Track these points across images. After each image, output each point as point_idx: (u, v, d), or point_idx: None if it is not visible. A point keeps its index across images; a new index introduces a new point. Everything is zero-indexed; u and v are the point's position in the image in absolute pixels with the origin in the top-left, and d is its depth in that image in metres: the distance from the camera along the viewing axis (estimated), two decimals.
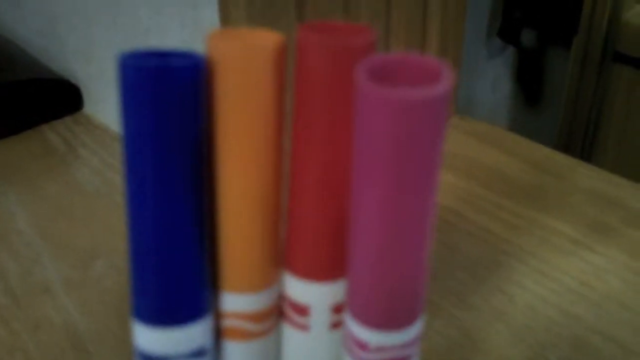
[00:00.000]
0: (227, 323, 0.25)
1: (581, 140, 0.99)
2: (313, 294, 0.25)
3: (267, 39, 0.22)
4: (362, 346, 0.23)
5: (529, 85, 0.99)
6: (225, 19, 0.38)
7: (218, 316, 0.25)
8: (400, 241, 0.21)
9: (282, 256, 0.26)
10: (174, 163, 0.21)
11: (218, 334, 0.26)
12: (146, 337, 0.24)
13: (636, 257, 0.41)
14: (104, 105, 0.56)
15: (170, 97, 0.21)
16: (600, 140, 0.98)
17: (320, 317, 0.25)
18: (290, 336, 0.26)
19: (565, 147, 0.98)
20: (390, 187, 0.20)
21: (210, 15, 0.38)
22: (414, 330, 0.24)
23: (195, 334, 0.24)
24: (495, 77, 0.91)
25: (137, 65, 0.20)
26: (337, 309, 0.25)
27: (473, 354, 0.35)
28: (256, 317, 0.25)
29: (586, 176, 0.49)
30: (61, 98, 0.57)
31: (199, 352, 0.25)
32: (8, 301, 0.38)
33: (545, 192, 0.48)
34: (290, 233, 0.25)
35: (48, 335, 0.36)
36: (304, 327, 0.26)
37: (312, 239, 0.24)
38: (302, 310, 0.25)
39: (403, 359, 0.24)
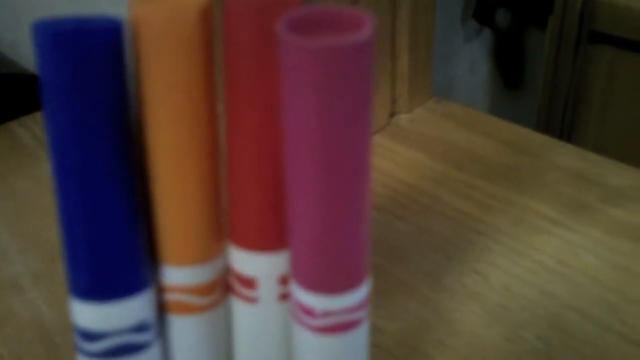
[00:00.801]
0: (171, 297, 0.25)
1: (560, 122, 0.99)
2: (259, 266, 0.25)
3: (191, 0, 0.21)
4: (309, 312, 0.23)
5: (507, 67, 0.99)
6: None
7: (161, 290, 0.25)
8: (336, 199, 0.21)
9: (225, 228, 0.25)
10: (98, 132, 0.21)
11: (162, 309, 0.25)
12: (83, 313, 0.23)
13: (613, 234, 0.41)
14: None
15: (88, 63, 0.20)
16: (579, 121, 0.98)
17: (268, 288, 0.25)
18: (239, 309, 0.26)
19: (545, 128, 0.98)
20: (321, 144, 0.20)
21: None
22: (359, 294, 0.23)
23: (133, 309, 0.24)
24: (472, 60, 0.91)
25: (51, 30, 0.20)
26: (284, 280, 0.25)
27: (449, 335, 0.34)
28: (200, 291, 0.25)
29: (563, 155, 0.49)
30: (30, 93, 0.57)
31: (140, 327, 0.24)
32: None
33: (521, 172, 0.47)
34: (231, 204, 0.24)
35: (16, 329, 0.36)
36: (252, 300, 0.25)
37: (254, 209, 0.24)
38: (249, 282, 0.25)
39: (351, 323, 0.23)
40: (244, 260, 0.25)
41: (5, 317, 0.36)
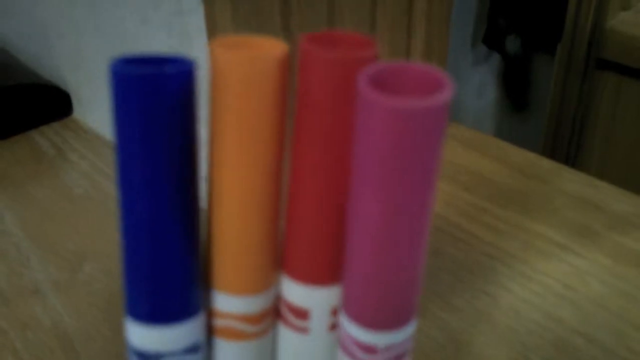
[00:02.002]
0: (223, 323, 0.25)
1: (566, 146, 0.99)
2: (314, 299, 0.25)
3: (270, 48, 0.22)
4: (370, 350, 0.24)
5: (514, 92, 1.00)
6: (212, 26, 0.38)
7: (213, 315, 0.26)
8: (398, 244, 0.21)
9: (279, 259, 0.26)
10: (165, 167, 0.22)
11: (211, 332, 0.26)
12: (140, 335, 0.24)
13: (618, 261, 0.42)
14: (93, 110, 0.56)
15: (162, 103, 0.21)
16: (585, 146, 0.99)
17: (319, 320, 0.26)
18: (288, 338, 0.27)
19: (551, 152, 0.99)
20: (389, 194, 0.20)
21: (197, 22, 0.39)
22: (411, 327, 0.24)
23: (188, 331, 0.25)
24: (480, 84, 0.92)
25: (127, 72, 0.20)
26: (336, 311, 0.26)
27: (458, 355, 0.35)
28: (252, 319, 0.25)
29: (570, 180, 0.50)
30: (51, 103, 0.58)
31: (193, 349, 0.25)
32: None
33: (529, 197, 0.48)
34: (289, 237, 0.25)
35: (36, 335, 0.36)
36: (303, 330, 0.26)
37: (313, 244, 0.24)
38: (302, 314, 0.25)
39: (402, 355, 0.24)
40: (298, 293, 0.25)
41: (27, 323, 0.37)
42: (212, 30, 0.38)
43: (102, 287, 0.40)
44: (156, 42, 0.43)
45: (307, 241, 0.25)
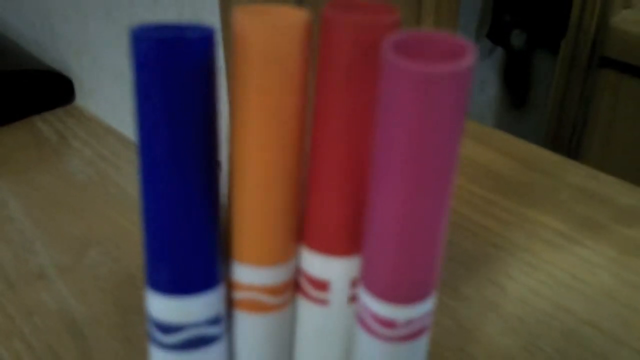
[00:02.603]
0: (244, 295, 0.25)
1: (567, 142, 1.00)
2: (334, 269, 0.25)
3: (294, 17, 0.22)
4: (387, 323, 0.23)
5: (516, 87, 1.00)
6: (225, 8, 0.38)
7: (235, 287, 0.25)
8: (425, 214, 0.21)
9: (300, 230, 0.26)
10: (187, 135, 0.22)
11: (231, 305, 0.26)
12: (161, 306, 0.24)
13: (625, 252, 0.42)
14: (96, 97, 0.56)
15: (184, 69, 0.21)
16: (585, 142, 0.99)
17: (339, 291, 0.25)
18: (308, 310, 0.26)
19: (552, 148, 0.98)
20: (415, 162, 0.20)
21: (210, 5, 0.39)
22: (430, 302, 0.24)
23: (209, 302, 0.24)
24: (482, 79, 0.92)
25: (150, 37, 0.20)
26: (355, 283, 0.25)
27: (467, 343, 0.35)
28: (273, 291, 0.25)
29: (574, 174, 0.50)
30: (53, 90, 0.58)
31: (214, 320, 0.25)
32: (3, 287, 0.38)
33: (534, 189, 0.48)
34: (309, 207, 0.25)
35: (43, 320, 0.36)
36: (323, 302, 0.26)
37: (334, 215, 0.24)
38: (322, 285, 0.25)
39: (421, 330, 0.24)
40: (318, 264, 0.25)
41: (33, 307, 0.37)
42: (226, 9, 0.38)
43: (108, 271, 0.40)
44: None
45: (327, 211, 0.24)
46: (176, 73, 0.21)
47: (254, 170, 0.23)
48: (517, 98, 1.01)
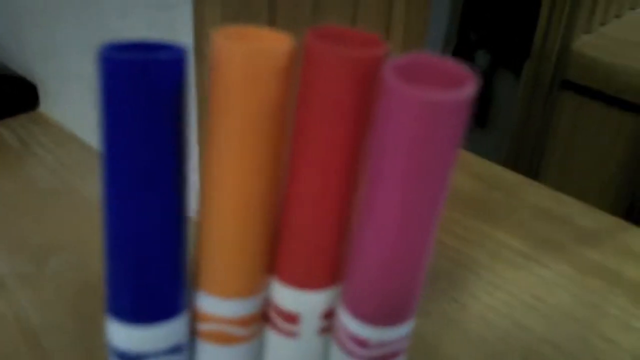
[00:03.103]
0: (210, 326, 0.25)
1: (528, 162, 1.01)
2: (305, 303, 0.25)
3: (275, 41, 0.21)
4: (362, 343, 0.24)
5: (478, 107, 1.00)
6: (199, 20, 0.38)
7: (200, 318, 0.25)
8: (414, 240, 0.21)
9: (271, 263, 0.25)
10: (154, 158, 0.21)
11: (196, 335, 0.26)
12: (122, 334, 0.24)
13: (583, 272, 0.42)
14: (61, 104, 0.55)
15: (154, 91, 0.20)
16: (545, 163, 1.00)
17: (310, 324, 0.25)
18: (276, 342, 0.26)
19: (513, 167, 0.99)
20: (409, 187, 0.20)
21: (183, 17, 0.38)
22: (409, 325, 0.24)
23: (172, 331, 0.24)
24: None
25: (119, 58, 0.20)
26: (327, 315, 0.25)
27: (429, 359, 0.35)
28: (241, 322, 0.25)
29: (535, 194, 0.51)
30: (17, 96, 0.57)
31: (176, 349, 0.24)
32: None
33: (495, 208, 0.49)
34: (283, 241, 0.25)
35: (0, 330, 0.36)
36: (292, 334, 0.26)
37: (307, 249, 0.24)
38: (292, 318, 0.25)
39: (397, 352, 0.24)
40: (288, 297, 0.25)
41: None
42: (200, 25, 0.38)
43: (69, 280, 0.39)
44: (138, 35, 0.43)
45: (301, 245, 0.24)
46: (146, 95, 0.20)
47: (226, 198, 0.23)
48: (479, 117, 1.01)
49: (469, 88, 0.19)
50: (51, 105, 0.57)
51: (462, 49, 0.87)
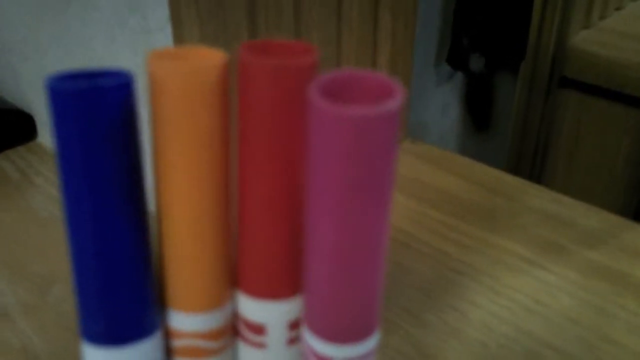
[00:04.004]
0: (182, 342, 0.25)
1: (530, 164, 1.00)
2: (268, 313, 0.25)
3: (209, 58, 0.22)
4: None
5: (478, 110, 1.00)
6: (179, 44, 0.38)
7: (171, 335, 0.25)
8: (358, 255, 0.21)
9: (234, 275, 0.26)
10: (109, 183, 0.21)
11: (170, 352, 0.26)
12: (95, 357, 0.24)
13: (587, 275, 0.42)
14: None
15: (101, 118, 0.20)
16: (548, 163, 1.00)
17: (276, 334, 0.26)
18: (247, 353, 0.26)
19: (515, 170, 0.99)
20: (346, 204, 0.20)
21: (164, 40, 0.39)
22: (373, 341, 0.24)
23: (145, 352, 0.24)
24: (444, 103, 0.93)
25: (64, 88, 0.20)
26: (294, 326, 0.26)
27: None
28: (209, 336, 0.25)
29: (536, 197, 0.50)
30: (15, 127, 0.57)
31: None
32: None
33: (496, 213, 0.49)
34: (241, 253, 0.25)
35: (6, 358, 0.36)
36: (260, 345, 0.26)
37: (264, 259, 0.24)
38: (258, 329, 0.25)
39: None
40: (252, 308, 0.25)
41: None
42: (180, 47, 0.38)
43: (71, 309, 0.40)
44: (123, 61, 0.43)
45: (258, 256, 0.24)
46: (93, 122, 0.20)
47: (180, 218, 0.23)
48: (479, 121, 1.01)
49: (396, 101, 0.19)
50: (48, 135, 0.57)
51: (456, 54, 0.87)
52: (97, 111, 0.20)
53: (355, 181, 0.20)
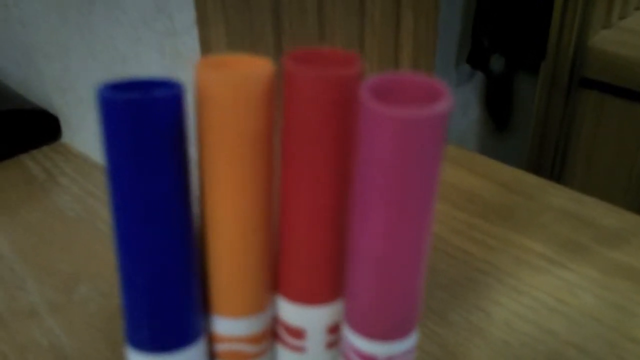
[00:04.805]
0: (225, 347, 0.26)
1: (550, 164, 1.00)
2: (309, 318, 0.26)
3: (257, 67, 0.22)
4: (369, 359, 0.24)
5: (498, 111, 1.00)
6: (205, 46, 0.39)
7: (213, 339, 0.26)
8: (403, 254, 0.22)
9: (274, 279, 0.26)
10: (159, 192, 0.22)
11: (212, 356, 0.26)
12: None
13: (608, 274, 0.42)
14: (82, 134, 0.56)
15: (152, 128, 0.21)
16: (568, 164, 1.00)
17: (316, 339, 0.26)
18: (285, 357, 0.27)
19: (535, 171, 0.99)
20: (394, 203, 0.20)
21: (190, 42, 0.39)
22: (414, 337, 0.24)
23: (190, 358, 0.25)
24: (464, 103, 0.93)
25: (116, 98, 0.20)
26: (333, 330, 0.26)
27: None
28: (251, 340, 0.26)
29: (556, 196, 0.51)
30: (40, 128, 0.58)
31: None
32: None
33: (516, 212, 0.49)
34: (283, 259, 0.25)
35: (36, 356, 0.37)
36: (299, 349, 0.26)
37: (306, 266, 0.25)
38: (298, 333, 0.26)
39: None
40: (293, 313, 0.26)
41: (26, 345, 0.37)
42: (206, 50, 0.39)
43: (98, 307, 0.40)
44: (148, 62, 0.43)
45: (300, 262, 0.25)
46: (144, 132, 0.21)
47: (226, 226, 0.23)
48: (499, 121, 1.02)
49: (445, 103, 0.19)
50: (73, 136, 0.58)
51: (476, 55, 0.87)
52: (150, 121, 0.20)
53: (404, 182, 0.20)
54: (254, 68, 0.22)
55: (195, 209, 0.24)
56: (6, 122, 0.56)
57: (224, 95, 0.21)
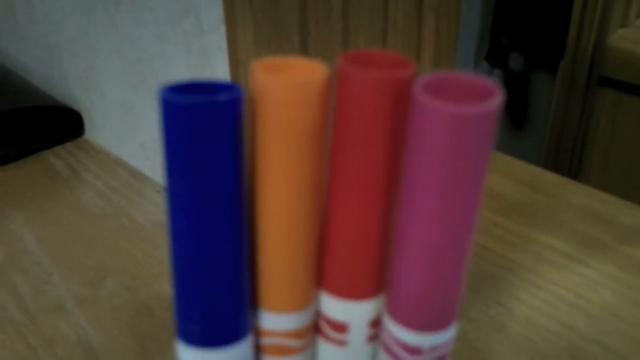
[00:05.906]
0: (270, 341, 0.26)
1: (567, 162, 1.00)
2: (351, 313, 0.26)
3: (312, 71, 0.22)
4: (414, 351, 0.25)
5: (515, 109, 1.01)
6: (233, 45, 0.39)
7: (259, 334, 0.26)
8: (452, 243, 0.22)
9: (318, 276, 0.26)
10: (215, 193, 0.22)
11: (258, 350, 0.27)
12: (190, 357, 0.25)
13: (629, 271, 0.43)
14: (105, 130, 0.57)
15: (213, 131, 0.21)
16: (585, 162, 1.00)
17: (358, 332, 0.26)
18: (327, 351, 0.27)
19: (552, 168, 1.00)
20: (444, 198, 0.21)
21: (217, 41, 0.40)
22: (454, 328, 0.25)
23: (239, 353, 0.25)
24: None
25: (179, 101, 0.20)
26: (374, 324, 0.26)
27: None
28: (297, 334, 0.26)
29: (576, 194, 0.51)
30: (63, 124, 0.59)
31: None
32: (23, 318, 0.39)
33: (536, 210, 0.49)
34: (327, 255, 0.26)
35: (64, 350, 0.37)
36: (341, 343, 0.27)
37: (351, 261, 0.25)
38: (340, 327, 0.26)
39: (444, 356, 0.25)
40: (336, 307, 0.26)
41: (54, 338, 0.38)
42: (233, 49, 0.39)
43: (124, 301, 0.41)
44: (174, 61, 0.44)
45: (345, 258, 0.25)
46: (205, 136, 0.21)
47: (277, 225, 0.24)
48: (516, 119, 1.02)
49: (496, 100, 0.20)
50: (96, 132, 0.58)
51: (495, 53, 0.87)
52: (212, 125, 0.21)
53: (457, 175, 0.21)
54: (310, 71, 0.22)
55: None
56: (30, 118, 0.57)
57: (284, 98, 0.22)
